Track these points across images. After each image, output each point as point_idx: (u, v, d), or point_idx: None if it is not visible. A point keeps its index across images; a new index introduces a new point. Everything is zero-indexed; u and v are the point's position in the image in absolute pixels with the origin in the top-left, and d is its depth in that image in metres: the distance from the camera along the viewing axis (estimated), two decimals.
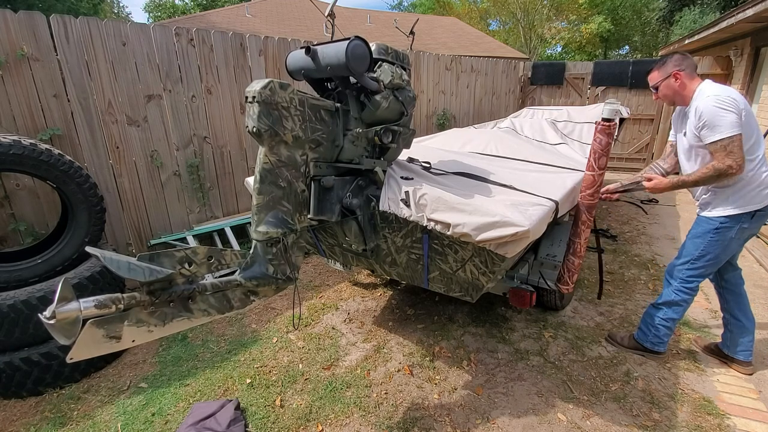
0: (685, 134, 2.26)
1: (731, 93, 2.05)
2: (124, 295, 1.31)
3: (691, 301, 2.41)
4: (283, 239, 1.76)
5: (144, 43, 3.49)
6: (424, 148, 3.29)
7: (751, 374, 2.43)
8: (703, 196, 2.29)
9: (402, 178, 2.14)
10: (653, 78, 2.30)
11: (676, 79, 2.20)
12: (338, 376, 2.49)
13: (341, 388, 2.38)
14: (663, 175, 2.49)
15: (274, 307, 3.29)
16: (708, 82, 2.17)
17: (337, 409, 2.24)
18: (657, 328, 2.49)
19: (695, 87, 2.18)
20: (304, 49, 1.90)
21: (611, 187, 2.62)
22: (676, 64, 2.20)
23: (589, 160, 2.43)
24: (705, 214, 2.28)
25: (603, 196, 2.59)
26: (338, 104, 1.97)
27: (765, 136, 4.69)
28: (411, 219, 2.01)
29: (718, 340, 2.58)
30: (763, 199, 2.13)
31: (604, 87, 8.12)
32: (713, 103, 2.04)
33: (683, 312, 2.44)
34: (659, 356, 2.58)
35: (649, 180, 2.35)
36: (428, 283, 2.39)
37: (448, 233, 1.92)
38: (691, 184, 2.20)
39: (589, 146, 2.52)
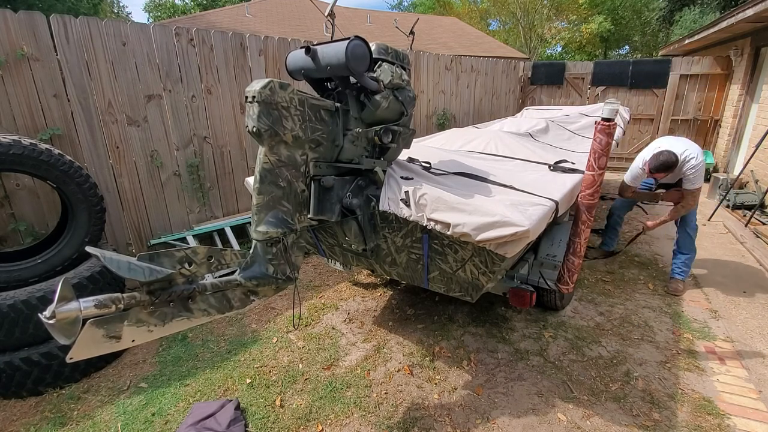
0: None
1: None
2: (124, 294, 1.31)
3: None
4: (283, 239, 1.76)
5: (144, 43, 3.49)
6: (424, 148, 3.29)
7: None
8: None
9: (402, 178, 2.14)
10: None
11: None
12: (338, 376, 2.49)
13: (341, 388, 2.38)
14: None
15: (274, 307, 3.29)
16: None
17: (337, 409, 2.24)
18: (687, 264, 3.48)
19: None
20: (304, 49, 1.90)
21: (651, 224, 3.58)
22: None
23: (589, 160, 2.43)
24: None
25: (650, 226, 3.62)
26: (338, 104, 1.97)
27: (765, 135, 4.71)
28: (411, 219, 2.01)
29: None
30: None
31: (604, 87, 8.12)
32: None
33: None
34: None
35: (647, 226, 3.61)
36: (428, 283, 2.38)
37: (448, 233, 1.91)
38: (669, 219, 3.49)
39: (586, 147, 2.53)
